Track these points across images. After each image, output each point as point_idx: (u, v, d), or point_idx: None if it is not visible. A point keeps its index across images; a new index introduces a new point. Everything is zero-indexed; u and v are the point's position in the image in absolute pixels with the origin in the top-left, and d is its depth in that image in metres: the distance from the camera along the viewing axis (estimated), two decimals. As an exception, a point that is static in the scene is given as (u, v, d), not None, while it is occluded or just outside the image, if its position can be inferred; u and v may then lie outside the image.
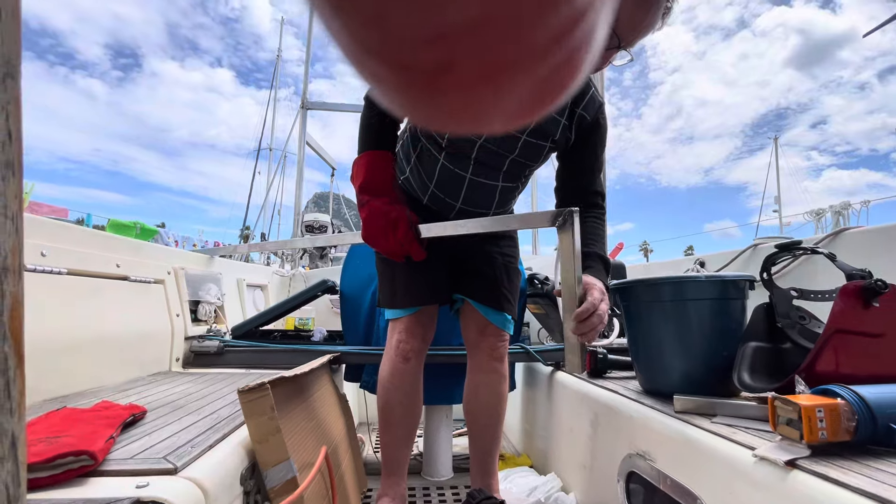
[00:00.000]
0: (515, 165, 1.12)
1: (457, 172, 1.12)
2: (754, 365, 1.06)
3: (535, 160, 1.12)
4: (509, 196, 1.20)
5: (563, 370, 1.69)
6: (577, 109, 1.07)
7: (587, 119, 1.08)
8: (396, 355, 1.22)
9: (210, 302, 1.79)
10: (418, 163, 1.17)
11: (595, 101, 1.09)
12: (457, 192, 1.15)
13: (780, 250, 1.14)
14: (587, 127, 1.10)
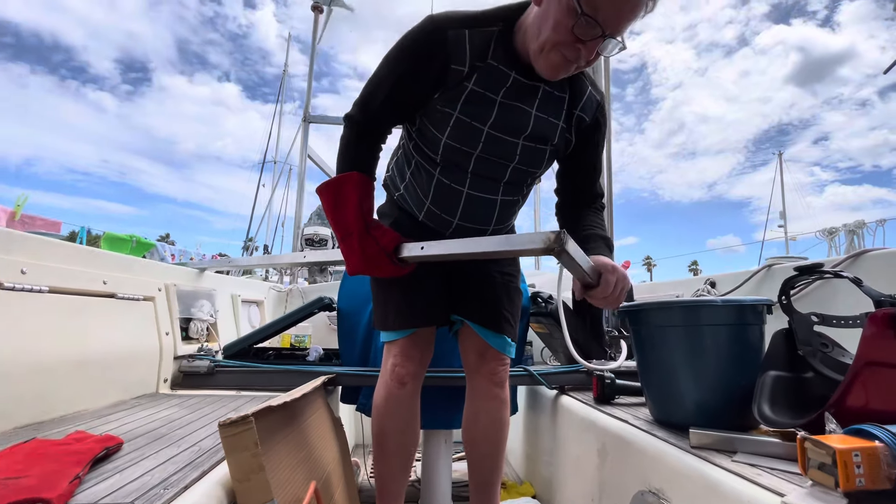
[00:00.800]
0: (517, 173, 1.05)
1: (453, 187, 1.06)
2: (775, 396, 0.99)
3: (537, 166, 1.05)
4: (510, 211, 1.14)
5: (568, 394, 1.62)
6: (575, 111, 1.02)
7: (586, 120, 1.04)
8: (392, 380, 1.15)
9: (202, 319, 1.73)
10: (413, 179, 1.12)
11: (593, 101, 1.03)
12: (454, 207, 1.08)
13: (800, 273, 1.08)
14: (587, 128, 1.05)
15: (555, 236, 0.74)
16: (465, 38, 0.90)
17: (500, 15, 0.93)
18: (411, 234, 1.16)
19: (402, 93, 0.95)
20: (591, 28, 0.79)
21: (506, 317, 1.17)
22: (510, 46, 0.93)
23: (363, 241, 0.95)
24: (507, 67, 0.93)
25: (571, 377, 1.70)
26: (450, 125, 0.97)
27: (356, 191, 0.96)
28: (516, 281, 1.26)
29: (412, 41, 0.91)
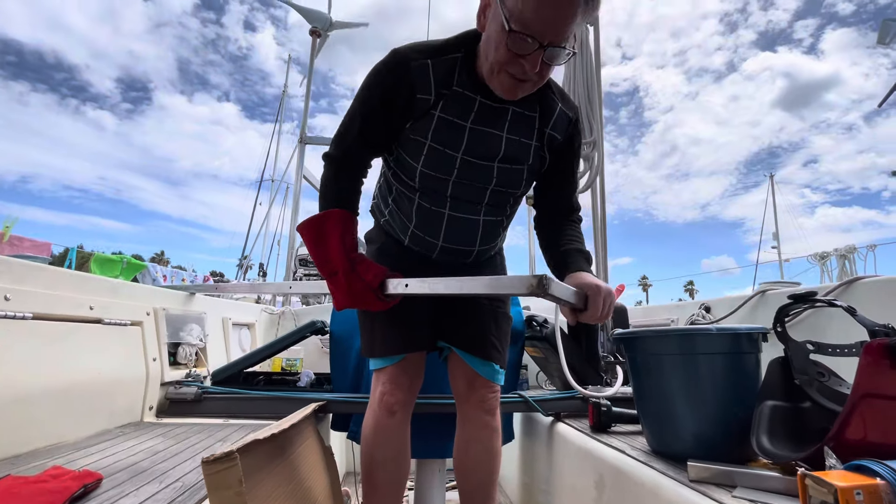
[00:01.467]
0: (496, 195, 1.05)
1: (434, 210, 1.06)
2: (773, 427, 0.98)
3: (515, 186, 1.05)
4: (494, 231, 1.13)
5: (564, 421, 1.59)
6: (547, 129, 1.01)
7: (558, 138, 1.03)
8: (381, 408, 1.12)
9: (191, 344, 1.70)
10: (396, 204, 1.12)
11: (564, 118, 1.02)
12: (437, 230, 1.08)
13: (794, 301, 1.08)
14: (559, 145, 1.04)
15: (537, 281, 0.74)
16: (428, 67, 0.91)
17: (460, 42, 0.94)
18: (398, 259, 1.15)
19: (374, 126, 0.97)
20: (524, 43, 0.79)
21: (493, 343, 1.15)
22: (473, 71, 0.93)
23: (348, 278, 0.94)
24: (472, 92, 0.94)
25: (567, 403, 1.67)
26: (423, 153, 0.98)
27: (337, 227, 0.96)
28: (505, 306, 1.24)
29: (378, 75, 0.93)
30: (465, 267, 1.18)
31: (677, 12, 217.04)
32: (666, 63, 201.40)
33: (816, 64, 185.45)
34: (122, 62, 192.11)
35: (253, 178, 18.98)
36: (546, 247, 1.11)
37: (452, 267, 1.17)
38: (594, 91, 1.74)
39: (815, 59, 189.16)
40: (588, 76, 1.73)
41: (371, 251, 1.24)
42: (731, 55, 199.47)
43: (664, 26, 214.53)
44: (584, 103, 1.68)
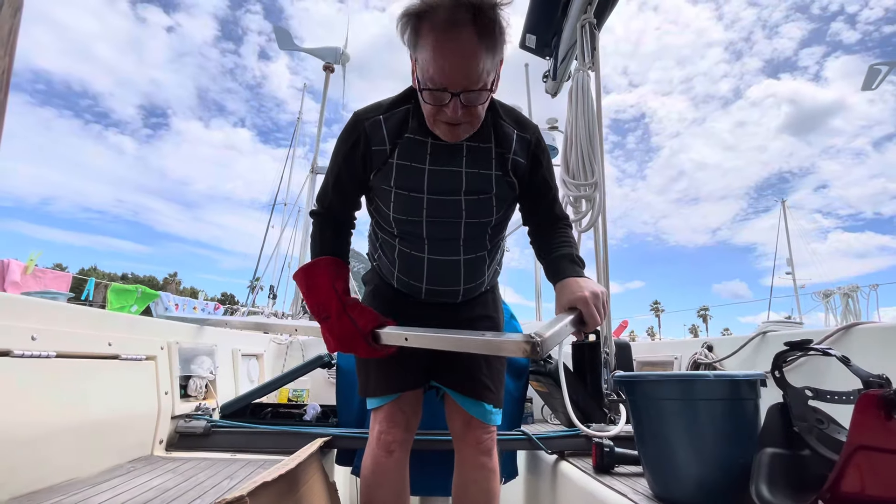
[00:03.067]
0: (471, 228, 1.07)
1: (414, 255, 1.10)
2: (772, 476, 0.99)
3: (488, 215, 1.06)
4: (478, 269, 1.14)
5: (568, 460, 1.59)
6: (509, 155, 1.04)
7: (522, 162, 1.05)
8: (378, 448, 1.13)
9: (201, 376, 1.74)
10: (381, 250, 1.18)
11: (524, 143, 1.06)
12: (419, 274, 1.12)
13: (791, 348, 1.10)
14: (526, 167, 1.07)
15: (531, 347, 0.76)
16: (380, 122, 1.01)
17: (410, 94, 1.03)
18: (391, 301, 1.19)
19: (344, 180, 1.07)
20: (439, 95, 0.87)
21: (485, 384, 1.15)
22: (422, 119, 0.99)
23: (340, 320, 0.99)
24: (423, 137, 1.01)
25: (571, 442, 1.67)
26: (392, 200, 1.04)
27: (327, 272, 1.02)
28: None
29: (340, 139, 1.06)
30: (454, 306, 1.20)
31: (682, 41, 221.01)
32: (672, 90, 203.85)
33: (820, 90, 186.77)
34: (144, 90, 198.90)
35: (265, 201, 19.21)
36: (540, 257, 1.14)
37: (443, 307, 1.20)
38: (595, 134, 1.80)
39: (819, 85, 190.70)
40: (589, 120, 1.80)
41: (367, 292, 1.28)
42: (738, 82, 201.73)
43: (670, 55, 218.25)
44: (584, 146, 1.74)
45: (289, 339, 2.81)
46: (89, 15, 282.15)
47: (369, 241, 1.28)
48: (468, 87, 0.86)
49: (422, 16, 0.85)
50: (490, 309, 1.26)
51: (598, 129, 1.81)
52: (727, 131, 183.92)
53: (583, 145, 1.73)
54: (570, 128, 1.80)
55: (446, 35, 0.83)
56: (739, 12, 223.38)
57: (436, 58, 0.84)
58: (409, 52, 0.93)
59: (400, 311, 1.15)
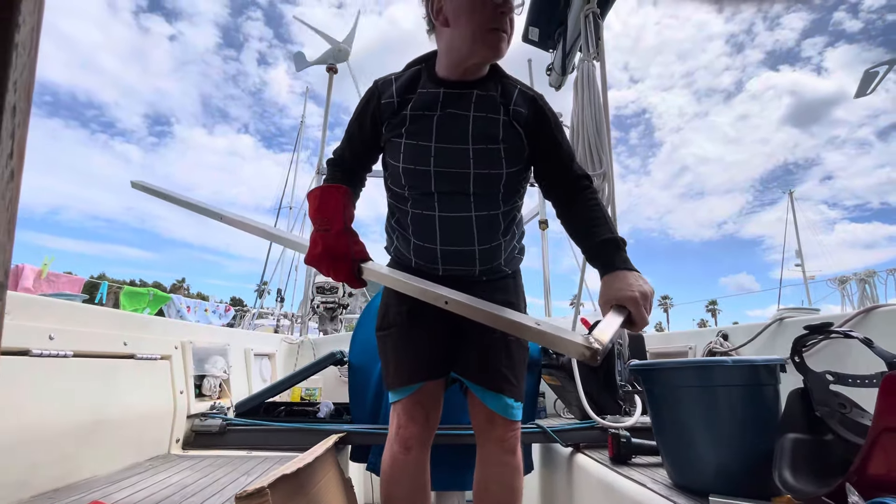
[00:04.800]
0: (481, 180, 1.07)
1: (426, 214, 1.10)
2: (796, 461, 0.97)
3: (497, 167, 1.07)
4: (491, 229, 1.12)
5: (583, 452, 1.58)
6: (511, 106, 1.09)
7: (523, 112, 1.09)
8: (397, 444, 1.12)
9: (216, 375, 1.75)
10: (397, 225, 1.17)
11: (525, 95, 1.12)
12: (432, 234, 1.11)
13: (811, 332, 1.08)
14: (529, 119, 1.09)
15: (591, 354, 0.75)
16: (392, 81, 1.13)
17: (419, 59, 1.16)
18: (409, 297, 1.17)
19: (356, 135, 1.16)
20: None
21: (504, 375, 1.13)
22: (433, 74, 1.11)
23: (337, 238, 0.99)
24: (435, 87, 1.09)
25: (586, 434, 1.66)
26: (401, 151, 1.08)
27: (341, 195, 1.02)
28: None
29: (360, 101, 1.17)
30: (476, 285, 1.16)
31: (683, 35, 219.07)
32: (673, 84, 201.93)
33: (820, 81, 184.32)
34: (148, 99, 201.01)
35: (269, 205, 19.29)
36: (577, 237, 1.09)
37: (463, 285, 1.17)
38: (602, 124, 1.79)
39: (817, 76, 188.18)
40: (595, 110, 1.79)
41: (384, 292, 1.26)
42: (740, 74, 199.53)
43: (670, 49, 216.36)
44: (592, 136, 1.73)
45: (299, 338, 2.81)
46: (93, 26, 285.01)
47: (386, 234, 1.27)
48: None
49: None
50: (511, 294, 1.23)
51: (605, 119, 1.80)
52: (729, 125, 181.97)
53: (590, 136, 1.72)
54: (577, 119, 1.79)
55: None
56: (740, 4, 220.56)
57: None
58: None
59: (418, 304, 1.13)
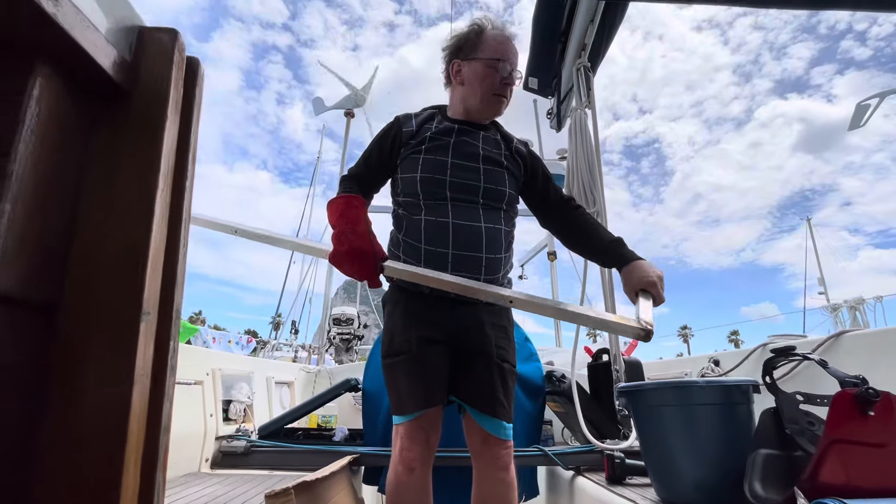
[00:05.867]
0: (489, 193, 1.27)
1: (440, 221, 1.24)
2: (765, 475, 1.06)
3: (502, 184, 1.29)
4: (497, 239, 1.27)
5: (584, 475, 1.66)
6: (512, 144, 1.35)
7: (522, 149, 1.36)
8: (400, 465, 1.20)
9: (241, 401, 1.90)
10: (407, 236, 1.28)
11: (523, 143, 1.39)
12: (445, 239, 1.23)
13: (776, 355, 1.19)
14: (526, 156, 1.36)
15: (645, 333, 0.91)
16: (411, 116, 1.35)
17: (432, 106, 1.41)
18: (417, 311, 1.26)
19: (374, 157, 1.35)
20: (504, 67, 1.25)
21: (500, 401, 1.23)
22: (447, 115, 1.37)
23: (362, 238, 1.12)
24: (450, 124, 1.33)
25: (587, 457, 1.74)
26: (420, 163, 1.28)
27: (360, 202, 1.20)
28: (513, 365, 1.34)
29: (383, 128, 1.38)
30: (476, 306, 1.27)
31: (689, 67, 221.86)
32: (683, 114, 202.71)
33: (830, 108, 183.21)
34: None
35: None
36: (581, 247, 1.34)
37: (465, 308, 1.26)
38: (594, 165, 1.96)
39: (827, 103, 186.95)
40: (588, 153, 1.97)
41: (388, 311, 1.35)
42: (749, 103, 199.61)
43: (678, 80, 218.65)
44: (586, 176, 1.90)
45: (317, 367, 2.95)
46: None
47: (390, 251, 1.36)
48: (516, 65, 1.28)
49: (483, 28, 1.29)
50: (504, 319, 1.36)
51: (598, 161, 1.97)
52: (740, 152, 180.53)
53: (584, 176, 1.89)
54: (572, 161, 1.96)
55: (505, 35, 1.29)
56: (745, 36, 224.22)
57: (500, 45, 1.26)
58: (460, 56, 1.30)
59: (426, 317, 1.24)
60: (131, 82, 0.33)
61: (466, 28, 1.31)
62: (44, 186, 0.29)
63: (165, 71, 0.35)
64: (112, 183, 0.32)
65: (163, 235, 0.33)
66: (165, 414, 0.33)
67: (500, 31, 1.30)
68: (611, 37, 2.02)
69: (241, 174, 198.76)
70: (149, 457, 0.31)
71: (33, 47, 0.28)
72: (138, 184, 0.32)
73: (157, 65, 0.34)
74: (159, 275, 0.32)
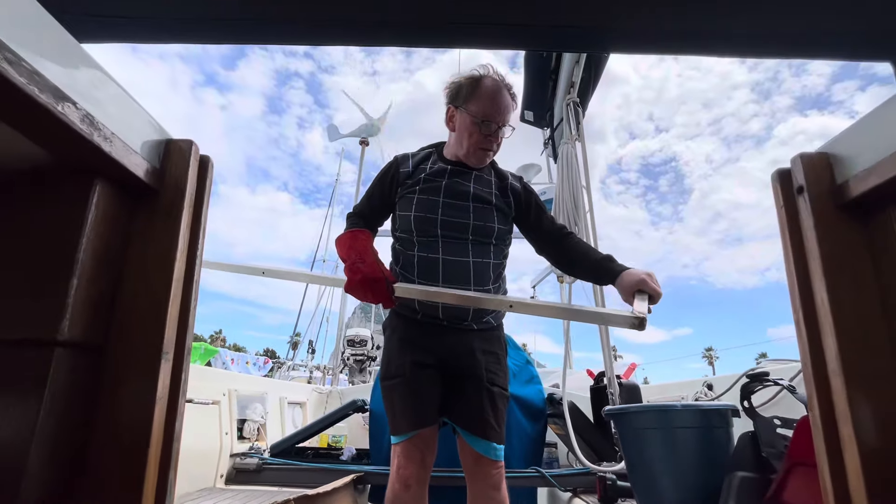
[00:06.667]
0: (477, 230, 1.34)
1: (430, 257, 1.34)
2: (741, 496, 1.11)
3: (490, 221, 1.36)
4: (484, 275, 1.36)
5: (580, 496, 1.71)
6: (506, 182, 1.42)
7: (516, 186, 1.43)
8: (397, 482, 1.26)
9: (255, 420, 2.01)
10: (402, 271, 1.39)
11: (516, 180, 1.46)
12: (435, 274, 1.33)
13: (751, 380, 1.24)
14: (520, 191, 1.42)
15: (639, 322, 1.00)
16: (408, 156, 1.46)
17: (431, 145, 1.50)
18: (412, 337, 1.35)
19: (376, 195, 1.44)
20: (488, 126, 1.31)
21: (490, 424, 1.30)
22: (442, 155, 1.44)
23: (372, 266, 1.22)
24: (444, 165, 1.40)
25: (582, 479, 1.79)
26: (414, 203, 1.37)
27: (366, 236, 1.32)
28: (504, 389, 1.41)
29: (383, 168, 1.47)
30: (469, 333, 1.36)
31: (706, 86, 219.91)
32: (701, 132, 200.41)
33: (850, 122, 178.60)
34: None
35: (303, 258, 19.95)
36: (570, 267, 1.42)
37: (458, 334, 1.36)
38: (579, 198, 2.06)
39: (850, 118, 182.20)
40: (573, 186, 2.08)
41: (387, 337, 1.47)
42: (770, 120, 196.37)
43: (694, 98, 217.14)
44: (570, 208, 2.01)
45: (328, 388, 3.06)
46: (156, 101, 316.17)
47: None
48: (504, 122, 1.34)
49: (482, 78, 1.35)
50: (496, 345, 1.43)
51: (588, 193, 2.07)
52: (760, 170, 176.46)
53: (567, 208, 2.00)
54: (558, 192, 2.07)
55: (498, 89, 1.33)
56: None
57: (489, 101, 1.32)
58: (455, 104, 1.36)
59: (419, 343, 1.33)
60: (159, 183, 0.46)
61: (467, 74, 1.38)
62: (98, 263, 0.41)
63: (184, 172, 0.47)
64: (144, 257, 0.44)
65: (178, 295, 0.45)
66: (178, 427, 0.44)
67: (495, 82, 1.34)
68: (598, 74, 2.15)
69: (262, 196, 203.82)
70: (165, 459, 0.42)
71: (94, 170, 0.41)
72: (163, 258, 0.44)
73: (178, 168, 0.47)
74: (175, 324, 0.44)
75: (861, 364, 0.41)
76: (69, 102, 0.35)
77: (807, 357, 0.45)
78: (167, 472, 0.42)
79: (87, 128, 0.37)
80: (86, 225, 0.40)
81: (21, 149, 0.39)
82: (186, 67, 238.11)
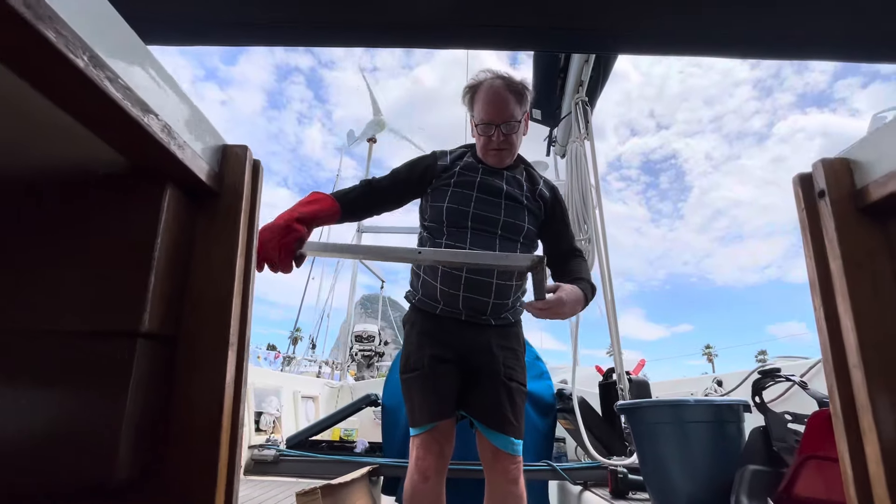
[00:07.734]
0: (507, 227, 1.36)
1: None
2: (752, 489, 1.14)
3: (521, 220, 1.39)
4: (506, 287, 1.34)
5: (591, 490, 1.74)
6: (537, 187, 1.43)
7: (546, 193, 1.44)
8: (416, 473, 1.29)
9: (271, 413, 2.06)
10: (426, 270, 1.41)
11: (547, 185, 1.47)
12: (457, 282, 1.34)
13: (763, 376, 1.27)
14: (548, 199, 1.44)
15: (538, 260, 1.05)
16: (446, 152, 1.48)
17: (465, 146, 1.52)
18: (431, 332, 1.38)
19: (404, 174, 1.44)
20: (486, 128, 1.34)
21: (508, 419, 1.32)
22: (475, 156, 1.46)
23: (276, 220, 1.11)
24: (477, 163, 1.43)
25: (593, 473, 1.82)
26: (448, 194, 1.40)
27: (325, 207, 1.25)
28: (522, 384, 1.42)
29: (417, 157, 1.49)
30: (486, 332, 1.38)
31: (707, 83, 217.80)
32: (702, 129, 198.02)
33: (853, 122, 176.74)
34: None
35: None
36: (559, 277, 1.41)
37: (476, 330, 1.38)
38: (588, 196, 2.08)
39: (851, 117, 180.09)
40: (582, 184, 2.09)
41: (407, 331, 1.48)
42: (771, 117, 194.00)
43: (696, 95, 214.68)
44: (579, 206, 2.03)
45: (339, 383, 3.11)
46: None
47: (411, 282, 1.52)
48: (506, 121, 1.33)
49: (477, 86, 1.37)
50: (514, 342, 1.45)
51: (597, 191, 2.09)
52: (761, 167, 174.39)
53: (577, 205, 2.02)
54: (568, 190, 2.09)
55: (490, 89, 1.34)
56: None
57: (485, 104, 1.34)
58: (469, 113, 1.40)
59: (438, 338, 1.36)
60: (219, 186, 0.49)
61: (470, 82, 1.40)
62: (170, 262, 0.44)
63: (240, 175, 0.50)
64: (209, 256, 0.47)
65: (240, 290, 0.48)
66: (242, 412, 0.47)
67: (491, 86, 1.35)
68: (607, 73, 2.16)
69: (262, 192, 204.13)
70: (233, 439, 0.45)
71: (167, 175, 0.44)
72: (225, 255, 0.47)
73: (235, 172, 0.50)
74: (238, 316, 0.47)
75: (881, 358, 0.43)
76: (153, 114, 0.39)
77: (827, 352, 0.48)
78: (235, 453, 0.45)
79: (165, 137, 0.40)
80: (160, 226, 0.43)
81: (103, 156, 0.42)
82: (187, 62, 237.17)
